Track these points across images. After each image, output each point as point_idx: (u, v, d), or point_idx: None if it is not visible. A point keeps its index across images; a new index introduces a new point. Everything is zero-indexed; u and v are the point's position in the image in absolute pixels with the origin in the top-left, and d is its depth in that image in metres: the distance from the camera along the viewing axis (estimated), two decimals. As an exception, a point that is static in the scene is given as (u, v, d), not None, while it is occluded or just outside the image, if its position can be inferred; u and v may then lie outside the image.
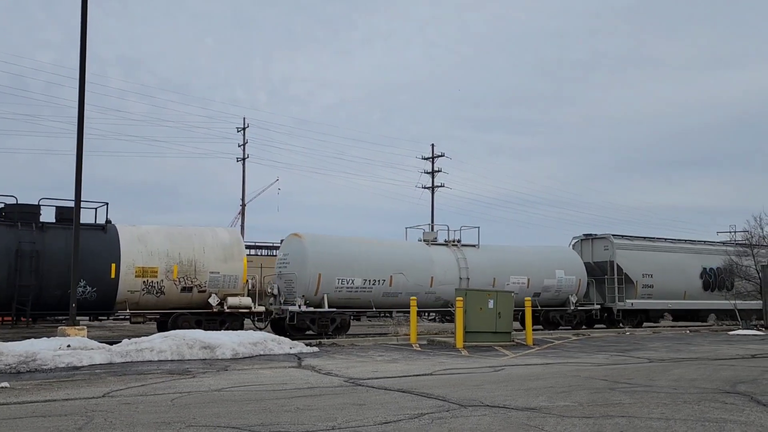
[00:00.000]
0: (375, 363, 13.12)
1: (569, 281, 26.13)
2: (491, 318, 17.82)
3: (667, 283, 28.62)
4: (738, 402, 8.32)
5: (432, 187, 50.06)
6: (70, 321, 15.76)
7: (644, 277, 28.21)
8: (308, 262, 21.13)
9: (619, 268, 27.60)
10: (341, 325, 21.36)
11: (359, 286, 21.86)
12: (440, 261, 23.81)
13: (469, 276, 23.82)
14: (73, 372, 11.42)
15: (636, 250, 28.57)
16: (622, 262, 27.77)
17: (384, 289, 22.30)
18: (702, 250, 30.91)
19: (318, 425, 6.72)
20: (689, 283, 29.71)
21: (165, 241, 19.17)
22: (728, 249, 31.50)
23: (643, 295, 28.06)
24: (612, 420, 7.04)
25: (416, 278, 22.91)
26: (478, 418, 7.11)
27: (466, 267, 23.99)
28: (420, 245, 24.58)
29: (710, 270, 30.41)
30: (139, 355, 13.16)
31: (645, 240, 29.80)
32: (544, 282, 25.56)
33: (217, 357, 13.62)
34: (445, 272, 23.58)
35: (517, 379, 10.70)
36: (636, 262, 28.16)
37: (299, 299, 20.84)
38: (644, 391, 9.20)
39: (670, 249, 29.95)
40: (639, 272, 28.13)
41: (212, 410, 7.64)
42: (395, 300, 22.62)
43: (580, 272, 26.64)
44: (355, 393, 9.08)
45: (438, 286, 23.31)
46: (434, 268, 23.44)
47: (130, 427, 6.67)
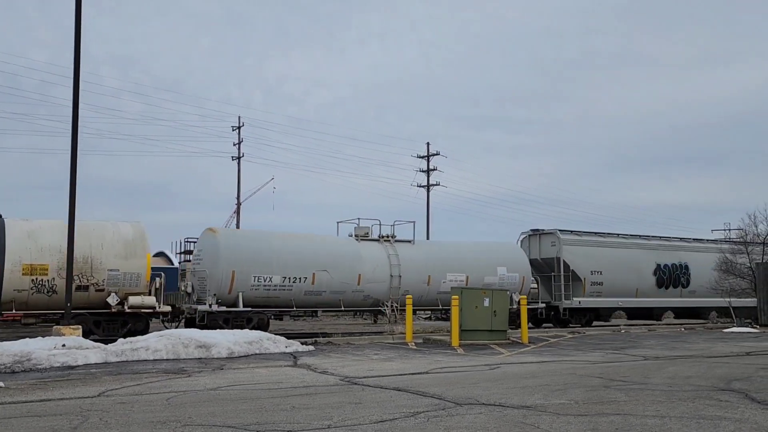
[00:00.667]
0: (371, 361, 13.13)
1: (512, 279, 24.80)
2: (487, 316, 17.84)
3: (617, 280, 27.50)
4: (733, 399, 8.35)
5: (428, 186, 50.10)
6: (65, 320, 15.74)
7: (593, 274, 27.09)
8: (221, 258, 20.05)
9: (566, 265, 26.52)
10: (258, 326, 19.85)
11: (278, 284, 20.68)
12: (370, 257, 22.44)
13: (401, 273, 22.61)
14: (68, 371, 11.40)
15: (584, 245, 27.48)
16: (569, 258, 26.69)
17: (306, 288, 21.13)
18: (658, 246, 29.86)
19: (314, 424, 6.72)
20: (642, 280, 28.56)
21: (58, 236, 17.80)
22: (687, 245, 30.82)
23: (591, 292, 26.89)
24: (607, 418, 7.06)
25: (342, 276, 21.69)
26: (474, 417, 7.13)
27: (398, 264, 22.69)
28: (348, 241, 23.33)
29: (665, 267, 29.30)
30: (134, 354, 13.14)
31: (594, 235, 28.63)
32: (485, 280, 24.07)
33: (212, 356, 13.61)
34: (374, 269, 22.29)
35: (513, 378, 10.72)
36: (584, 259, 27.09)
37: (210, 298, 19.77)
38: (639, 389, 9.23)
39: (621, 245, 28.77)
40: (587, 269, 27.06)
41: (208, 409, 7.63)
42: (319, 299, 21.59)
43: (524, 269, 25.44)
44: (351, 392, 9.08)
45: (366, 285, 22.09)
46: (363, 265, 22.11)
47: (125, 426, 6.66)
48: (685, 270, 29.80)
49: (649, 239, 29.99)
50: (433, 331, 22.79)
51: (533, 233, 28.07)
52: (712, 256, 30.10)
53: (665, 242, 30.53)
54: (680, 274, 29.64)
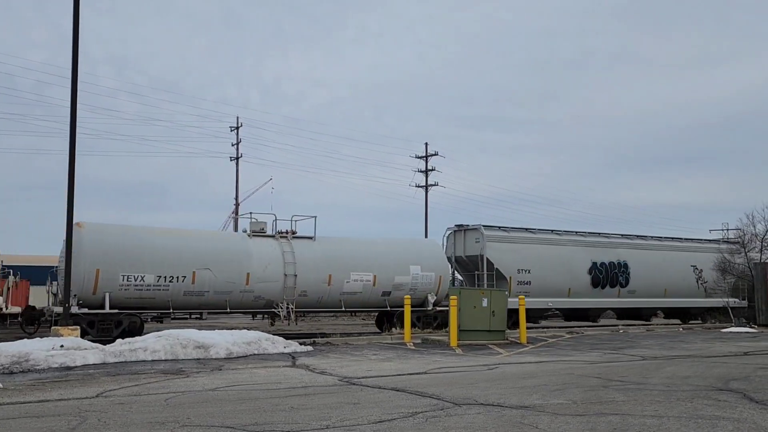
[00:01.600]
0: (369, 362, 13.13)
1: (427, 278, 23.03)
2: (485, 316, 17.86)
3: (548, 279, 25.68)
4: (731, 399, 8.36)
5: (426, 186, 50.12)
6: (63, 321, 15.73)
7: (520, 272, 25.29)
8: (83, 255, 18.17)
9: (489, 263, 24.82)
10: (130, 330, 18.37)
11: (151, 283, 19.00)
12: (261, 255, 20.80)
13: (296, 272, 20.89)
14: (66, 372, 11.39)
15: (511, 242, 25.68)
16: (493, 255, 24.92)
17: (185, 288, 19.47)
18: (594, 243, 27.98)
19: (312, 424, 6.72)
20: (575, 279, 26.72)
21: None
22: (628, 242, 29.21)
23: (518, 292, 24.55)
24: (606, 418, 7.06)
25: (227, 275, 20.12)
26: (472, 417, 7.13)
27: (294, 262, 21.03)
28: (237, 237, 21.87)
29: (601, 265, 27.46)
30: (132, 354, 13.13)
31: (523, 231, 26.81)
32: (396, 279, 22.46)
33: (211, 356, 13.61)
34: (265, 268, 20.65)
35: (511, 378, 10.72)
36: (510, 256, 25.33)
37: (72, 299, 17.83)
38: (637, 389, 9.24)
39: (553, 242, 26.90)
40: (513, 267, 25.26)
41: (206, 410, 7.63)
42: (201, 300, 19.98)
43: (441, 268, 23.66)
44: (350, 392, 9.08)
45: (257, 284, 20.49)
46: (252, 264, 20.51)
47: (123, 427, 6.66)
48: (625, 269, 28.15)
49: (585, 236, 28.24)
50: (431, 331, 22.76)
51: (458, 229, 26.45)
52: (657, 254, 29.00)
53: (603, 239, 28.70)
54: (618, 273, 27.95)
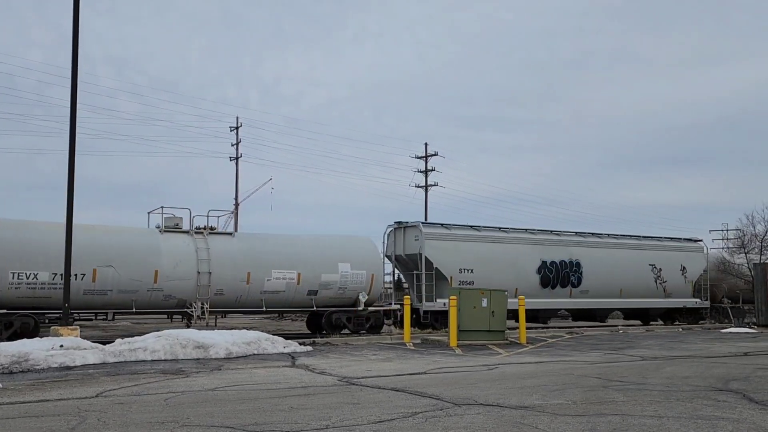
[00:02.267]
0: (369, 362, 13.13)
1: (357, 276, 21.73)
2: (485, 317, 17.86)
3: (492, 279, 23.89)
4: (730, 399, 8.36)
5: (425, 186, 50.13)
6: (63, 321, 15.72)
7: (462, 272, 23.79)
8: None
9: (428, 262, 23.29)
10: (22, 331, 17.02)
11: (46, 282, 17.69)
12: (171, 251, 19.51)
13: (211, 269, 19.61)
14: (65, 372, 11.38)
15: (452, 240, 24.13)
16: (433, 254, 23.40)
17: (85, 286, 18.21)
18: (544, 241, 26.34)
19: (312, 424, 6.71)
20: (522, 279, 25.13)
21: None
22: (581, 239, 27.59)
23: None
24: (605, 418, 7.06)
25: (132, 272, 18.80)
26: (472, 417, 7.13)
27: (208, 259, 19.78)
28: (145, 232, 20.36)
29: (552, 264, 25.91)
30: (132, 354, 13.13)
31: (465, 229, 25.16)
32: (323, 278, 21.22)
33: (210, 356, 13.61)
34: (176, 265, 19.38)
35: (511, 378, 10.72)
36: (451, 255, 23.83)
37: None
38: (637, 389, 9.24)
39: (498, 239, 25.31)
40: (455, 266, 23.75)
41: (206, 410, 7.62)
42: (105, 299, 18.69)
43: (373, 266, 22.35)
44: (349, 392, 9.08)
45: (166, 282, 19.19)
46: (161, 260, 19.22)
47: (123, 427, 6.66)
48: (577, 268, 26.58)
49: (535, 233, 26.62)
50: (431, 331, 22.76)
51: (397, 226, 24.80)
52: (612, 252, 27.67)
53: (554, 237, 27.04)
54: (570, 273, 26.40)
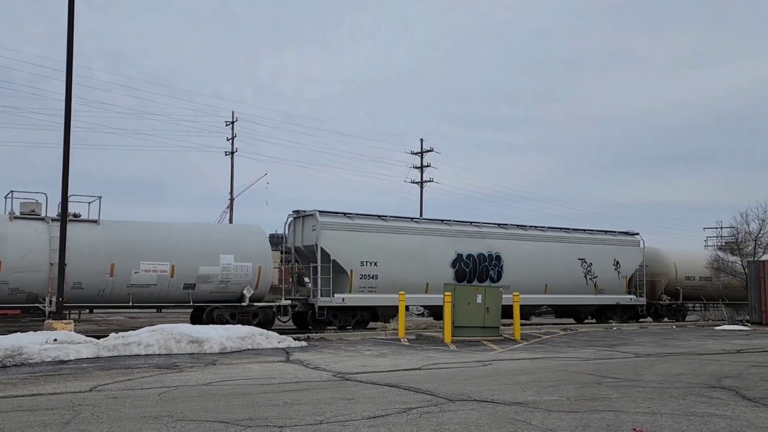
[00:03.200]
0: (363, 357, 13.14)
1: (242, 269, 20.11)
2: (479, 313, 17.88)
3: (400, 273, 22.35)
4: (723, 396, 8.40)
5: (421, 182, 50.13)
6: (57, 315, 15.68)
7: (364, 265, 21.84)
8: None
9: (325, 254, 21.40)
10: None
11: None
12: (20, 240, 17.64)
13: (67, 260, 17.10)
14: (59, 366, 11.36)
15: (353, 230, 22.12)
16: (330, 245, 21.48)
17: None
18: (459, 233, 24.37)
19: (306, 419, 6.72)
20: (435, 273, 23.10)
21: None
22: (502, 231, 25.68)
23: (362, 288, 21.71)
24: (599, 414, 7.08)
25: None
26: (466, 413, 7.14)
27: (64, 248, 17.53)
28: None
29: (468, 257, 24.00)
30: (126, 349, 13.11)
31: (369, 218, 23.01)
32: (201, 270, 19.38)
33: (204, 351, 13.60)
34: (24, 255, 17.60)
35: (505, 374, 10.75)
36: (352, 247, 21.85)
37: None
38: (631, 386, 9.27)
39: (407, 230, 23.31)
40: (356, 259, 21.79)
41: (200, 404, 7.62)
42: None
43: (261, 258, 20.60)
44: (343, 387, 9.09)
45: (12, 274, 17.41)
46: (7, 250, 17.47)
47: (117, 421, 6.65)
48: (497, 261, 24.65)
49: (450, 224, 24.56)
50: (425, 327, 22.79)
51: (297, 216, 22.88)
52: (537, 245, 26.11)
53: (472, 228, 25.04)
54: (489, 266, 24.47)
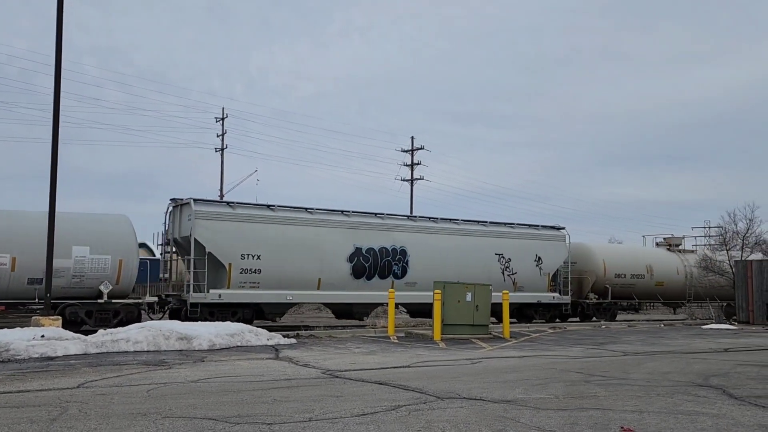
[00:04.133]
0: (352, 355, 13.14)
1: (99, 263, 18.40)
2: (469, 311, 17.91)
3: (287, 267, 20.55)
4: (710, 395, 8.45)
5: (411, 180, 50.13)
6: (45, 311, 15.59)
7: (245, 258, 20.00)
8: None
9: (200, 246, 19.57)
10: None
11: None
12: None
13: None
14: (47, 362, 11.30)
15: (234, 220, 20.21)
16: (206, 236, 19.61)
17: None
18: (359, 225, 22.40)
19: (295, 417, 6.71)
20: (328, 267, 21.30)
21: None
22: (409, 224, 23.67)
23: (243, 283, 19.92)
24: (587, 412, 7.11)
25: None
26: (455, 410, 7.15)
27: None
28: None
29: (369, 251, 22.15)
30: (114, 345, 13.06)
31: (254, 208, 21.15)
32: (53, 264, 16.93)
33: (193, 348, 13.56)
34: None
35: (494, 372, 10.77)
36: (231, 238, 19.94)
37: None
38: (618, 384, 9.31)
39: (297, 221, 21.24)
40: (236, 252, 19.93)
41: (188, 401, 7.60)
42: None
43: (123, 250, 18.86)
44: (333, 385, 9.08)
45: None
46: None
47: (105, 418, 6.62)
48: (402, 256, 22.73)
49: (349, 215, 22.50)
50: (415, 324, 22.81)
51: (175, 205, 20.83)
52: (449, 239, 23.97)
53: (373, 220, 22.90)
54: (393, 261, 22.59)
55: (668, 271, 31.12)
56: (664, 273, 30.86)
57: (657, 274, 30.51)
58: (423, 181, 50.57)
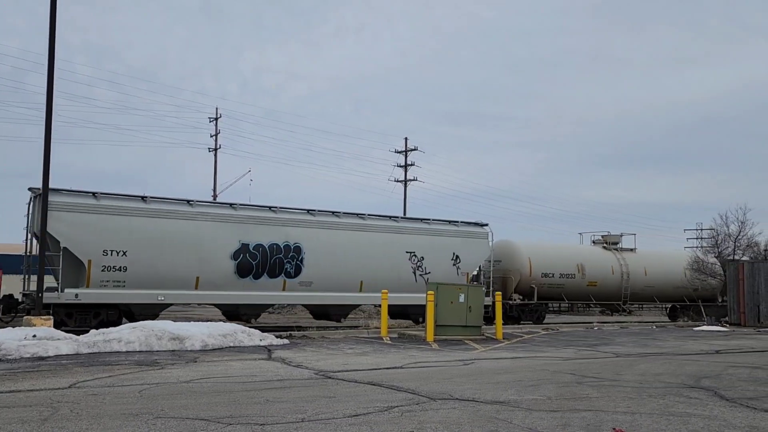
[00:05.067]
0: (345, 356, 13.13)
1: None
2: (462, 312, 17.93)
3: (159, 265, 18.83)
4: (702, 396, 8.48)
5: (405, 181, 50.15)
6: (36, 311, 15.52)
7: (108, 255, 18.13)
8: None
9: (54, 240, 17.65)
10: None
11: None
12: None
13: None
14: (38, 362, 11.25)
15: (95, 213, 18.26)
16: (62, 230, 17.70)
17: None
18: (247, 219, 20.43)
19: (287, 417, 6.70)
20: (209, 265, 19.67)
21: None
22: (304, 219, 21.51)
23: (104, 282, 18.10)
24: (579, 414, 7.13)
25: None
26: (447, 411, 7.16)
27: None
28: None
29: (257, 247, 20.26)
30: (106, 345, 13.01)
31: (123, 199, 19.01)
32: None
33: (186, 348, 13.53)
34: None
35: (487, 373, 10.79)
36: (92, 232, 18.08)
37: None
38: (611, 386, 9.33)
39: (173, 215, 19.37)
40: (97, 248, 18.04)
41: (181, 402, 7.58)
42: None
43: None
44: (325, 385, 9.08)
45: None
46: None
47: (96, 418, 6.59)
48: (296, 253, 20.90)
49: (236, 209, 20.64)
50: (407, 326, 22.82)
51: (34, 195, 18.58)
52: (351, 235, 22.07)
53: (263, 213, 20.94)
54: (285, 259, 20.76)
55: (602, 270, 29.30)
56: (598, 272, 29.06)
57: (590, 274, 28.70)
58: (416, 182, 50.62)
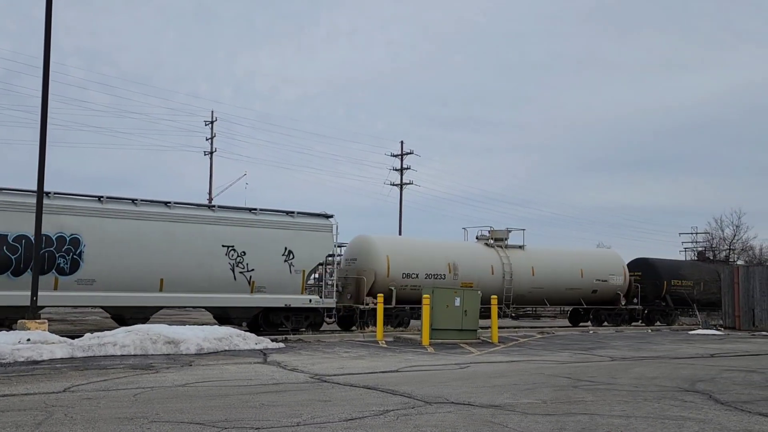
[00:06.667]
0: (341, 359, 13.12)
1: None
2: (458, 315, 17.93)
3: None
4: (697, 400, 8.50)
5: (401, 184, 50.17)
6: (30, 314, 15.45)
7: None
8: None
9: None
10: None
11: None
12: None
13: None
14: (32, 366, 11.21)
15: None
16: None
17: None
18: (6, 206, 17.03)
19: (283, 421, 6.69)
20: None
21: None
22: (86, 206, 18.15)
23: None
24: (574, 417, 7.13)
25: None
26: (443, 415, 7.16)
27: None
28: None
29: (18, 239, 17.02)
30: (101, 349, 12.97)
31: None
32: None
33: (181, 352, 13.49)
34: None
35: (482, 377, 10.79)
36: None
37: None
38: (606, 389, 9.35)
39: None
40: None
41: (176, 406, 7.56)
42: None
43: None
44: (321, 389, 9.06)
45: None
46: None
47: (91, 422, 6.57)
48: (73, 246, 17.77)
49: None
50: (403, 329, 22.79)
51: None
52: (149, 225, 18.74)
53: (27, 199, 17.11)
54: (57, 253, 17.54)
55: (479, 270, 24.84)
56: (474, 272, 24.60)
57: (463, 274, 24.32)
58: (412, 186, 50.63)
